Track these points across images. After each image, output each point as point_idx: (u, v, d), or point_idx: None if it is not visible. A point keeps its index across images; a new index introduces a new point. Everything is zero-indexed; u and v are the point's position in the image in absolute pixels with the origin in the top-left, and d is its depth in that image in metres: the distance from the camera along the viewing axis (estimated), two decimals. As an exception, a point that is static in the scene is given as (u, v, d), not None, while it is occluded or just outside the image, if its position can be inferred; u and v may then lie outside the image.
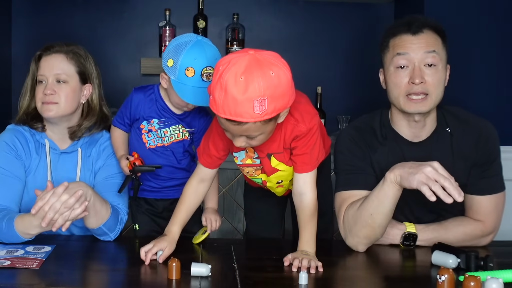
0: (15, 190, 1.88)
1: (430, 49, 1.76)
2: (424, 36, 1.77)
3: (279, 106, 1.46)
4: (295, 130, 1.67)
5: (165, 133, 1.99)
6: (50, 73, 1.90)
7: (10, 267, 1.59)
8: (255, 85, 1.40)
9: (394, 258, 1.79)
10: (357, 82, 3.47)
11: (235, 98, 1.41)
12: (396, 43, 1.80)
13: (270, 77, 1.42)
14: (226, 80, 1.42)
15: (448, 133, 1.85)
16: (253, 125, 1.47)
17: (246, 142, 1.56)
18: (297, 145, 1.70)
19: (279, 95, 1.45)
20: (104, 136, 2.01)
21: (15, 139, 1.92)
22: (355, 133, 1.90)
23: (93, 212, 1.76)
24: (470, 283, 1.32)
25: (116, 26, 3.39)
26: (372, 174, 1.85)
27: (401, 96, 1.78)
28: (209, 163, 1.79)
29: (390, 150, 1.85)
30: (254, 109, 1.42)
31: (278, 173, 1.79)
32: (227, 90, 1.41)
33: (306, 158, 1.71)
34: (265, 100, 1.41)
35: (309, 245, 1.68)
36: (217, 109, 1.46)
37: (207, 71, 1.78)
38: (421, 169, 1.61)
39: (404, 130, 1.86)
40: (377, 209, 1.73)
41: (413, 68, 1.76)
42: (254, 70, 1.42)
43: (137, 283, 1.55)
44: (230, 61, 1.44)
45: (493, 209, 1.86)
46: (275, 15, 3.44)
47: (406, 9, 3.26)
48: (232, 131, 1.53)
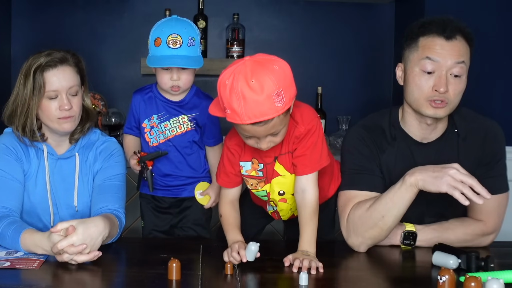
0: (16, 193, 1.87)
1: (460, 59, 1.72)
2: (457, 44, 1.72)
3: (292, 94, 1.55)
4: (295, 131, 1.70)
5: (165, 126, 2.01)
6: (63, 88, 1.84)
7: (10, 268, 1.58)
8: (268, 82, 1.48)
9: (394, 259, 1.79)
10: (357, 82, 3.47)
11: (255, 100, 1.47)
12: (427, 45, 1.74)
13: (276, 71, 1.51)
14: (240, 88, 1.47)
15: (456, 133, 1.85)
16: (278, 119, 1.53)
17: (271, 142, 1.61)
18: (297, 147, 1.71)
19: (289, 83, 1.53)
20: (100, 139, 1.99)
21: (15, 142, 1.90)
22: (364, 132, 1.88)
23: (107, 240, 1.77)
24: (471, 284, 1.32)
25: (116, 26, 3.39)
26: (379, 175, 1.84)
27: (421, 99, 1.74)
28: (227, 182, 1.82)
29: (399, 151, 1.84)
30: (275, 103, 1.49)
31: (278, 178, 1.78)
32: (245, 96, 1.47)
33: (306, 159, 1.71)
34: (281, 92, 1.49)
35: (310, 245, 1.68)
36: (241, 118, 1.50)
37: (172, 38, 1.87)
38: (446, 172, 1.61)
39: (414, 130, 1.85)
40: (390, 211, 1.72)
41: (440, 75, 1.71)
42: (260, 70, 1.49)
43: (137, 284, 1.55)
44: (233, 72, 1.50)
45: (495, 209, 1.86)
46: (275, 15, 3.44)
47: (407, 10, 3.26)
48: (259, 134, 1.57)
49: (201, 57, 1.97)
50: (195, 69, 1.99)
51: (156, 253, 1.74)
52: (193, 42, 1.90)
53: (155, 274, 1.57)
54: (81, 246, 1.61)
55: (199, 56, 1.97)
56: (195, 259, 1.69)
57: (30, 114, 1.85)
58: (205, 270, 1.61)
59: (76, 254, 1.61)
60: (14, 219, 1.78)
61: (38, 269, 1.59)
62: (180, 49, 1.89)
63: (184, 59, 1.91)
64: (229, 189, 1.83)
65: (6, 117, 1.90)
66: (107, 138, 2.02)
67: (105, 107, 3.18)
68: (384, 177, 1.84)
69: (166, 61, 1.90)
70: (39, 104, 1.84)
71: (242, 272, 1.58)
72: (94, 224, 1.67)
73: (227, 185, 1.82)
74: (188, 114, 2.03)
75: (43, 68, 1.82)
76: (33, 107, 1.84)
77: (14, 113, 1.87)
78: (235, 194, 1.85)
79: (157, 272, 1.58)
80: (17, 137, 1.90)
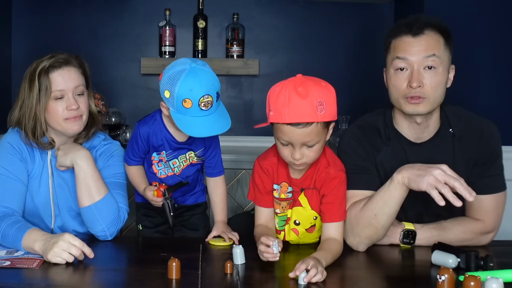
0: (19, 193, 1.87)
1: (429, 52, 1.75)
2: (424, 38, 1.76)
3: (333, 113, 1.63)
4: (325, 171, 1.75)
5: (174, 163, 1.98)
6: (69, 88, 1.85)
7: (10, 267, 1.59)
8: (314, 91, 1.59)
9: (394, 258, 1.79)
10: (357, 82, 3.47)
11: (299, 103, 1.57)
12: (396, 45, 1.79)
13: (323, 86, 1.63)
14: (287, 92, 1.59)
15: (450, 133, 1.85)
16: (316, 127, 1.60)
17: (305, 155, 1.65)
18: (326, 193, 1.75)
19: (332, 102, 1.62)
20: (101, 143, 2.00)
21: (20, 141, 1.90)
22: (360, 132, 1.90)
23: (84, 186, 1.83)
24: (470, 283, 1.32)
25: (116, 26, 3.39)
26: (376, 174, 1.85)
27: (400, 98, 1.79)
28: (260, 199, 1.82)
29: (393, 151, 1.85)
30: (316, 110, 1.58)
31: (298, 208, 1.79)
32: (291, 98, 1.58)
33: (335, 207, 1.75)
34: (324, 103, 1.59)
35: (325, 258, 1.63)
36: (282, 117, 1.59)
37: (205, 100, 1.76)
38: (430, 171, 1.62)
39: (406, 131, 1.86)
40: (382, 210, 1.73)
41: (412, 71, 1.75)
42: (309, 82, 1.62)
43: (137, 283, 1.55)
44: (285, 82, 1.63)
45: (493, 208, 1.86)
46: (275, 15, 3.44)
47: (406, 9, 3.26)
48: (295, 139, 1.61)
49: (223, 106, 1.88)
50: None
51: (156, 252, 1.74)
52: (219, 94, 1.81)
53: (155, 273, 1.58)
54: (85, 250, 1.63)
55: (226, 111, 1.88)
56: (195, 259, 1.69)
57: (39, 118, 1.85)
58: (205, 269, 1.61)
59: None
60: (17, 219, 1.78)
61: (38, 268, 1.59)
62: (212, 109, 1.79)
63: (218, 121, 1.81)
64: (263, 209, 1.83)
65: (14, 123, 1.91)
66: (109, 141, 2.02)
67: (105, 107, 3.18)
68: (380, 176, 1.84)
69: (204, 130, 1.78)
70: (46, 107, 1.84)
71: (242, 272, 1.58)
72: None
73: (260, 203, 1.82)
74: (196, 151, 1.99)
75: (48, 70, 1.83)
76: (41, 111, 1.84)
77: (22, 118, 1.87)
78: (269, 215, 1.83)
79: (157, 271, 1.58)
80: (22, 138, 1.90)
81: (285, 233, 1.84)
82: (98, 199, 1.84)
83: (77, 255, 1.62)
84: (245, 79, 3.44)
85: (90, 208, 1.83)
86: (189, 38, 3.36)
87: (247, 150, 3.15)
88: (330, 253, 1.67)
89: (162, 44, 3.33)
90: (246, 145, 3.32)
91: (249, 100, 3.43)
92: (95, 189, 1.84)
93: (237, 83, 3.45)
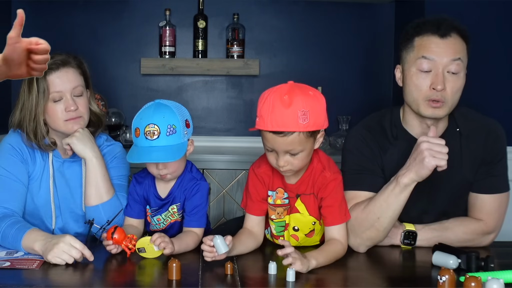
0: (19, 194, 1.87)
1: (456, 56, 1.73)
2: (452, 41, 1.73)
3: (319, 122, 1.62)
4: (321, 175, 1.75)
5: (158, 220, 1.91)
6: (67, 89, 1.84)
7: (10, 268, 1.58)
8: (298, 99, 1.58)
9: (394, 259, 1.79)
10: (357, 82, 3.47)
11: (281, 111, 1.58)
12: (422, 44, 1.75)
13: (310, 96, 1.62)
14: (272, 99, 1.60)
15: (458, 132, 1.85)
16: (298, 136, 1.60)
17: (289, 163, 1.64)
18: (325, 196, 1.74)
19: (318, 112, 1.62)
20: (104, 144, 2.00)
21: (21, 143, 1.89)
22: (366, 132, 1.88)
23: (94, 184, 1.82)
24: (471, 284, 1.32)
25: (116, 26, 3.39)
26: (381, 175, 1.84)
27: (420, 99, 1.75)
28: (250, 207, 1.81)
29: (401, 150, 1.83)
30: (298, 120, 1.58)
31: (296, 215, 1.79)
32: (274, 106, 1.59)
33: (335, 210, 1.74)
34: (308, 112, 1.58)
35: (317, 256, 1.63)
36: (265, 124, 1.60)
37: (149, 129, 1.72)
38: (421, 151, 1.64)
39: (415, 130, 1.84)
40: (386, 213, 1.73)
41: (436, 73, 1.72)
42: (296, 90, 1.61)
43: (137, 283, 1.55)
44: (273, 88, 1.64)
45: (496, 208, 1.86)
46: (275, 15, 3.44)
47: (407, 9, 3.26)
48: (278, 147, 1.62)
49: (184, 143, 1.78)
50: (185, 156, 1.81)
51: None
52: (173, 130, 1.74)
53: (155, 274, 1.57)
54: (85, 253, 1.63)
55: (182, 143, 1.77)
56: (195, 259, 1.69)
57: (39, 120, 1.85)
58: (205, 270, 1.61)
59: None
60: (17, 219, 1.78)
61: (38, 269, 1.59)
62: (158, 140, 1.73)
63: (162, 150, 1.73)
64: (252, 216, 1.82)
65: (15, 126, 1.90)
66: (111, 142, 2.02)
67: (105, 107, 3.18)
68: (385, 177, 1.83)
69: (141, 157, 1.74)
70: (45, 109, 1.84)
71: (242, 272, 1.58)
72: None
73: (250, 210, 1.82)
74: (176, 203, 1.89)
75: (46, 72, 1.81)
76: (40, 113, 1.84)
77: (22, 121, 1.87)
78: (256, 222, 1.81)
79: (157, 272, 1.58)
80: (23, 139, 1.89)
81: (285, 238, 1.84)
82: (106, 199, 1.84)
83: (77, 258, 1.62)
84: (245, 80, 3.44)
85: (97, 208, 1.83)
86: (189, 38, 3.36)
87: (247, 150, 3.15)
88: (325, 253, 1.67)
89: (162, 44, 3.33)
90: (246, 146, 3.32)
91: (249, 100, 3.43)
92: (104, 190, 1.84)
93: (237, 83, 3.45)
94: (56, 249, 1.61)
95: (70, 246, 1.62)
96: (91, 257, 1.64)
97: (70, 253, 1.61)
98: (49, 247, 1.63)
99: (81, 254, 1.63)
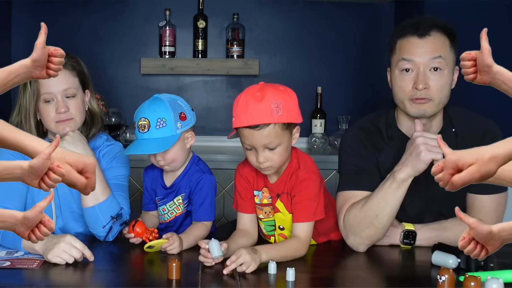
0: (19, 194, 1.87)
1: (436, 54, 1.74)
2: (431, 40, 1.75)
3: (292, 115, 1.66)
4: (295, 174, 1.76)
5: (163, 210, 1.94)
6: (58, 91, 1.85)
7: (10, 268, 1.59)
8: (270, 93, 1.65)
9: (394, 259, 1.79)
10: (357, 82, 3.48)
11: (255, 106, 1.63)
12: (402, 46, 1.78)
13: (281, 90, 1.68)
14: (245, 98, 1.66)
15: (453, 133, 1.85)
16: (273, 129, 1.64)
17: (269, 159, 1.67)
18: (296, 193, 1.75)
19: (291, 106, 1.66)
20: (104, 144, 2.00)
21: None
22: (361, 133, 1.89)
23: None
24: (470, 283, 1.32)
25: (116, 26, 3.39)
26: (377, 175, 1.85)
27: (405, 100, 1.78)
28: (241, 205, 1.83)
29: (396, 151, 1.84)
30: (272, 112, 1.62)
31: (279, 215, 1.80)
32: (248, 103, 1.65)
33: (302, 208, 1.74)
34: (280, 105, 1.63)
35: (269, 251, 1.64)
36: (241, 121, 1.66)
37: (141, 123, 1.82)
38: (417, 146, 1.66)
39: (410, 130, 1.85)
40: (384, 210, 1.73)
41: (418, 73, 1.74)
42: (267, 87, 1.68)
43: (137, 283, 1.55)
44: (245, 90, 1.71)
45: (494, 208, 1.86)
46: (275, 15, 3.44)
47: (407, 9, 3.26)
48: (255, 142, 1.65)
49: (175, 136, 1.82)
50: (183, 146, 1.87)
51: (156, 253, 1.74)
52: (163, 123, 1.81)
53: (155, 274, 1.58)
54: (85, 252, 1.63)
55: (172, 135, 1.82)
56: (195, 259, 1.69)
57: (34, 119, 1.87)
58: (205, 270, 1.61)
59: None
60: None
61: (38, 269, 1.59)
62: (148, 133, 1.81)
63: (151, 143, 1.80)
64: (244, 215, 1.83)
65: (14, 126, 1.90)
66: (112, 142, 2.02)
67: (105, 107, 3.18)
68: (381, 177, 1.84)
69: (133, 149, 1.83)
70: (39, 110, 1.86)
71: (241, 272, 1.58)
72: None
73: (241, 209, 1.83)
74: (181, 194, 1.93)
75: None
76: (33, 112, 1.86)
77: (20, 122, 1.88)
78: (249, 220, 1.82)
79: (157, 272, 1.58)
80: None
81: (275, 238, 1.85)
82: (102, 200, 1.84)
83: (77, 258, 1.62)
84: (245, 79, 3.44)
85: (94, 209, 1.83)
86: (189, 38, 3.36)
87: (247, 150, 3.15)
88: (279, 248, 1.69)
89: (162, 44, 3.33)
90: (246, 145, 3.32)
91: (249, 100, 3.43)
92: (100, 190, 1.84)
93: (237, 83, 3.45)
94: (57, 248, 1.61)
95: (70, 245, 1.62)
96: (92, 257, 1.64)
97: (71, 253, 1.62)
98: (50, 246, 1.63)
99: (82, 254, 1.63)
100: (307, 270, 1.64)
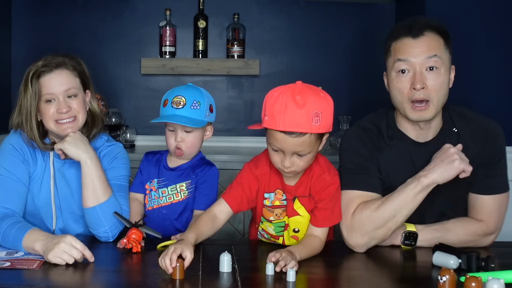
0: (20, 194, 1.87)
1: (431, 53, 1.75)
2: (425, 39, 1.75)
3: (328, 125, 1.63)
4: (320, 178, 1.76)
5: (163, 192, 1.97)
6: (59, 91, 1.85)
7: (10, 268, 1.58)
8: (311, 101, 1.58)
9: (395, 259, 1.79)
10: (357, 82, 3.47)
11: (295, 112, 1.57)
12: (397, 48, 1.79)
13: (322, 97, 1.62)
14: (285, 99, 1.59)
15: (455, 133, 1.85)
16: (309, 138, 1.61)
17: (295, 164, 1.66)
18: (322, 199, 1.75)
19: (329, 114, 1.63)
20: (104, 144, 2.00)
21: (22, 143, 1.90)
22: (363, 133, 1.89)
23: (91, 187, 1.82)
24: (471, 284, 1.32)
25: (116, 26, 3.40)
26: (377, 175, 1.85)
27: (404, 102, 1.78)
28: (229, 198, 1.80)
29: (397, 151, 1.85)
30: (311, 121, 1.58)
31: (297, 218, 1.80)
32: (287, 106, 1.58)
33: (327, 213, 1.75)
34: (320, 114, 1.59)
35: (299, 250, 1.66)
36: (277, 124, 1.59)
37: (177, 99, 1.90)
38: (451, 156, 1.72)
39: (410, 131, 1.86)
40: (402, 212, 1.75)
41: (414, 73, 1.75)
42: (308, 91, 1.61)
43: (139, 283, 1.55)
44: (283, 88, 1.63)
45: (496, 209, 1.86)
46: (276, 15, 3.44)
47: (407, 9, 3.26)
48: (287, 147, 1.62)
49: (203, 121, 1.92)
50: (202, 137, 1.98)
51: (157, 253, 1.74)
52: (198, 106, 1.90)
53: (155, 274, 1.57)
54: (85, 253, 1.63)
55: (202, 120, 1.91)
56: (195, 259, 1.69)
57: (36, 120, 1.86)
58: (205, 270, 1.61)
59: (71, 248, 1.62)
60: (18, 219, 1.78)
61: (38, 269, 1.59)
62: (182, 110, 1.89)
63: (182, 118, 1.88)
64: (225, 204, 1.80)
65: (14, 126, 1.91)
66: (112, 143, 2.02)
67: (105, 107, 3.18)
68: (382, 177, 1.84)
69: (164, 118, 1.90)
70: (40, 110, 1.86)
71: (242, 272, 1.58)
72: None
73: (230, 199, 1.80)
74: (186, 181, 1.97)
75: (39, 74, 1.85)
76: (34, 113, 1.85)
77: (21, 122, 1.88)
78: (225, 210, 1.79)
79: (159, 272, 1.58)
80: (24, 139, 1.89)
81: (284, 239, 1.84)
82: (103, 200, 1.83)
83: (77, 258, 1.62)
84: (245, 79, 3.44)
85: (95, 209, 1.83)
86: (190, 38, 3.36)
87: (247, 150, 3.15)
88: (309, 248, 1.71)
89: (162, 44, 3.33)
90: (246, 145, 3.32)
91: (249, 100, 3.43)
92: (101, 191, 1.84)
93: (238, 83, 3.45)
94: (57, 249, 1.61)
95: (71, 246, 1.62)
96: (92, 257, 1.64)
97: (71, 253, 1.61)
98: (50, 246, 1.63)
99: (82, 254, 1.63)
100: (307, 270, 1.64)
